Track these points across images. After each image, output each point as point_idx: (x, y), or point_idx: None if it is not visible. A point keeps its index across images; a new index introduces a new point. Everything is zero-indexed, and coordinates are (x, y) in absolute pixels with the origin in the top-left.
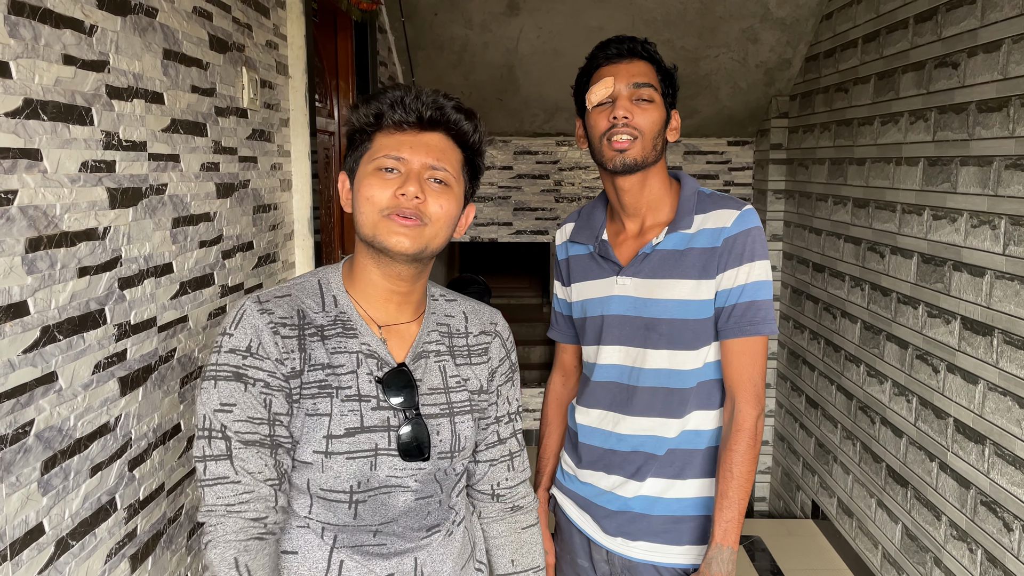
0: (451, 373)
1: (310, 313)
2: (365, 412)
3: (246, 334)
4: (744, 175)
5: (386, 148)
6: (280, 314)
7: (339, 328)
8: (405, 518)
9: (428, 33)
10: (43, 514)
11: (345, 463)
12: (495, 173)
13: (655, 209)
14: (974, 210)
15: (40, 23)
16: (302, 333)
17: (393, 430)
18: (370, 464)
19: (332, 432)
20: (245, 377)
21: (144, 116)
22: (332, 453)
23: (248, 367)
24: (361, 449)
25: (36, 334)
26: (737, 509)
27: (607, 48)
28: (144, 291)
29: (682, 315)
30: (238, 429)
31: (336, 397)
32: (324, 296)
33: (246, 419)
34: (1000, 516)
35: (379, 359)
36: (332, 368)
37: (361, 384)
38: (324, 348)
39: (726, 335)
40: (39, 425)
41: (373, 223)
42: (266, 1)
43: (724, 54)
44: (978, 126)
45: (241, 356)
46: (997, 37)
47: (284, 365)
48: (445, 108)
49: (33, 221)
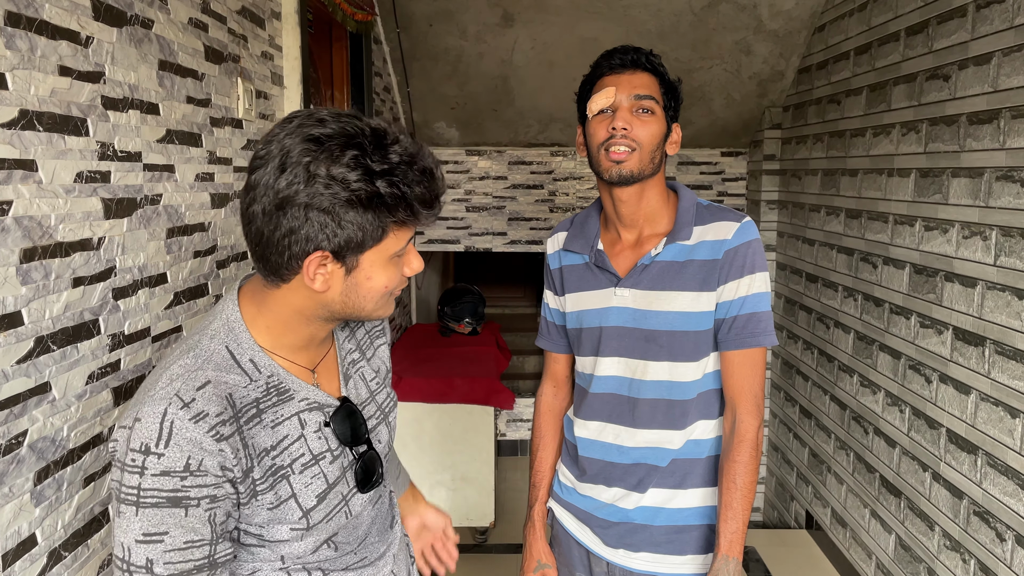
0: (370, 375)
1: (239, 393)
2: (325, 469)
3: (181, 451)
4: (738, 186)
5: (404, 241)
6: (215, 412)
7: (273, 396)
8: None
9: (423, 44)
10: (36, 525)
11: (324, 526)
12: (489, 183)
13: (652, 220)
14: (965, 221)
15: (36, 34)
16: (239, 425)
17: (350, 470)
18: (343, 512)
19: (305, 507)
20: (185, 500)
21: (139, 127)
22: (313, 525)
23: (189, 488)
24: (334, 506)
25: (30, 344)
26: (741, 520)
27: (611, 58)
28: (138, 301)
29: (682, 327)
30: (169, 560)
31: (293, 474)
32: (241, 364)
33: (180, 547)
34: (993, 526)
35: (321, 407)
36: (278, 447)
37: (311, 444)
38: (262, 428)
39: (727, 346)
40: (32, 436)
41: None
42: (262, 12)
43: (718, 66)
44: (969, 138)
45: (179, 478)
46: (987, 50)
47: (232, 471)
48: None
49: (28, 231)
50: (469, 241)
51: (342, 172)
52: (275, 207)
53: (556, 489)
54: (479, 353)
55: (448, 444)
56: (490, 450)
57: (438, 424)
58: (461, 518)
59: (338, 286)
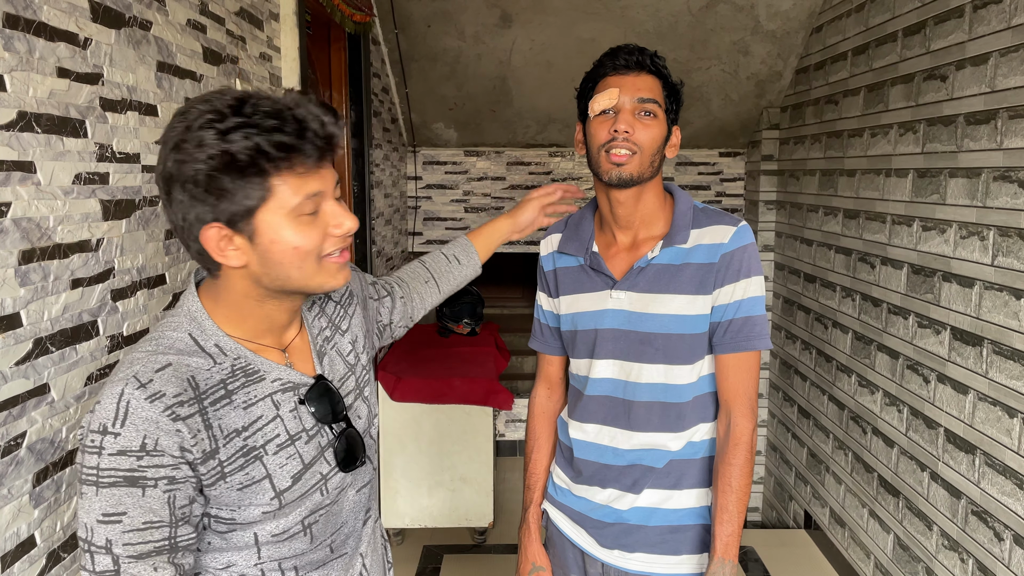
0: (345, 350)
1: (202, 375)
2: (301, 450)
3: (137, 430)
4: (736, 186)
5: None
6: (172, 392)
7: (241, 377)
8: (352, 514)
9: (421, 45)
10: (35, 526)
11: (299, 504)
12: (488, 183)
13: (649, 223)
14: (963, 221)
15: (35, 36)
16: (202, 406)
17: (330, 449)
18: (320, 491)
19: (280, 488)
20: (142, 480)
21: (138, 128)
22: (286, 504)
23: (145, 468)
24: (310, 486)
25: (29, 346)
26: (737, 523)
27: (616, 57)
28: (137, 303)
29: (678, 330)
30: (128, 541)
31: (267, 455)
32: (205, 349)
33: (139, 527)
34: (991, 526)
35: (295, 387)
36: (250, 427)
37: (288, 424)
38: (233, 409)
39: (722, 349)
40: (31, 437)
41: (313, 273)
42: (260, 14)
43: (716, 66)
44: (966, 138)
45: (135, 457)
46: (985, 50)
47: (192, 452)
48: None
49: (26, 233)
50: None
51: (198, 137)
52: (165, 193)
53: (550, 491)
54: (478, 354)
55: (447, 444)
56: (489, 451)
57: (437, 424)
58: (460, 519)
59: (253, 259)
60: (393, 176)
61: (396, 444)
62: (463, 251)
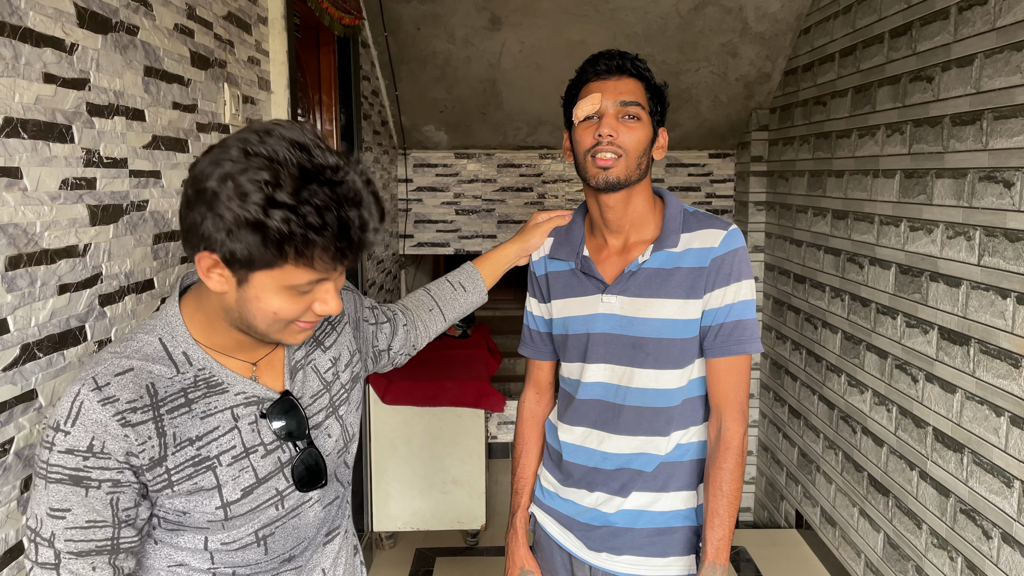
0: (324, 367)
1: (163, 383)
2: (256, 464)
3: (86, 431)
4: (726, 187)
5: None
6: (127, 398)
7: (203, 388)
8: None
9: (411, 47)
10: (23, 532)
11: (250, 517)
12: (479, 186)
13: (639, 226)
14: (949, 221)
15: (20, 42)
16: (157, 414)
17: (287, 466)
18: (275, 506)
19: (228, 499)
20: (87, 480)
21: (125, 133)
22: (232, 516)
23: (91, 468)
24: (263, 501)
25: (16, 352)
26: (728, 527)
27: (596, 63)
28: (125, 308)
29: (669, 334)
30: (70, 537)
31: (220, 466)
32: (172, 355)
33: (82, 525)
34: (979, 524)
35: (259, 401)
36: (205, 437)
37: (245, 437)
38: (190, 417)
39: (713, 354)
40: (19, 443)
41: (276, 331)
42: (248, 17)
43: (704, 68)
44: (952, 139)
45: (81, 457)
46: (969, 52)
47: (138, 457)
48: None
49: (13, 239)
50: (459, 244)
51: (248, 189)
52: (193, 196)
53: (538, 494)
54: (469, 356)
55: (438, 447)
56: (481, 453)
57: (428, 427)
58: (452, 521)
59: (233, 294)
60: (384, 179)
61: (388, 447)
62: (468, 278)
